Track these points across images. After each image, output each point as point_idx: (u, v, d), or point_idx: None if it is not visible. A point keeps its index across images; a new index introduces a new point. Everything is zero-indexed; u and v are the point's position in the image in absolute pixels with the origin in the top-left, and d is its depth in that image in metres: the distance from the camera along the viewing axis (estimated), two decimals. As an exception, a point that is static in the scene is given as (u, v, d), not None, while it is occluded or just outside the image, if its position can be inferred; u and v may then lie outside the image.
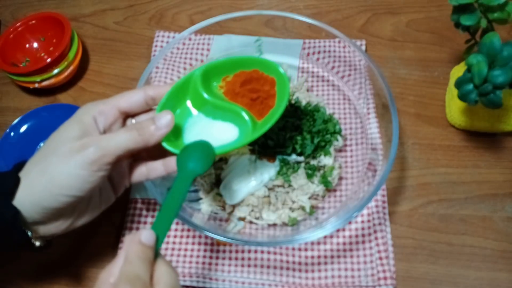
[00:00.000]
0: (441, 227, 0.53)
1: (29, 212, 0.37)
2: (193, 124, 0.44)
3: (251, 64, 0.46)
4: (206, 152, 0.39)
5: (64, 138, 0.38)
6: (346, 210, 0.47)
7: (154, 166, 0.42)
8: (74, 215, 0.40)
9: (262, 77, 0.46)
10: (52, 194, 0.36)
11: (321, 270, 0.50)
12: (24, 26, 0.65)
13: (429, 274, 0.51)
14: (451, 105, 0.59)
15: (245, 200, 0.52)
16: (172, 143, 0.41)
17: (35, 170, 0.37)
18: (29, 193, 0.37)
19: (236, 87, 0.46)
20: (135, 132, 0.38)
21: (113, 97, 0.40)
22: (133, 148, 0.37)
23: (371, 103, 0.56)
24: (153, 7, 0.73)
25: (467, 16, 0.50)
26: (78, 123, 0.38)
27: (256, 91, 0.45)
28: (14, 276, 0.52)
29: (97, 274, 0.52)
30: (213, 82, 0.47)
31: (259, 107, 0.45)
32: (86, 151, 0.36)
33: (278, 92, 0.45)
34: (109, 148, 0.36)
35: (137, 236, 0.32)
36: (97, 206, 0.42)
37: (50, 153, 0.37)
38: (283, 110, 0.42)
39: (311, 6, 0.72)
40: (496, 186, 0.55)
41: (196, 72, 0.45)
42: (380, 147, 0.52)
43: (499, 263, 0.51)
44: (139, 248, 0.31)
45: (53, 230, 0.40)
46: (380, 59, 0.65)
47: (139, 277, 0.29)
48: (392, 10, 0.70)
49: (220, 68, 0.46)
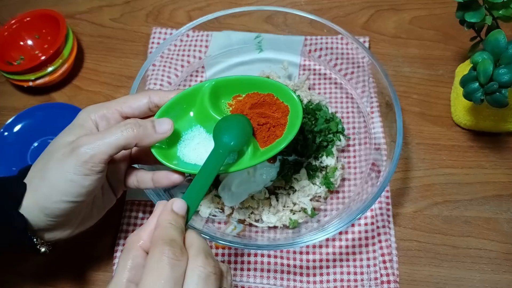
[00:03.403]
0: (445, 229, 0.52)
1: (35, 220, 0.37)
2: (191, 138, 0.42)
3: (267, 87, 0.43)
4: (244, 128, 0.39)
5: (61, 143, 0.37)
6: (349, 212, 0.46)
7: (143, 178, 0.41)
8: (78, 220, 0.40)
9: (276, 103, 0.43)
10: (52, 201, 0.36)
11: (323, 274, 0.49)
12: (19, 23, 0.64)
13: (433, 277, 0.50)
14: (456, 104, 0.58)
15: (244, 202, 0.51)
16: (164, 152, 0.40)
17: (38, 177, 0.37)
18: (33, 201, 0.37)
19: (245, 108, 0.43)
20: (129, 129, 0.36)
21: (115, 100, 0.40)
22: (124, 145, 0.36)
23: (374, 101, 0.55)
24: (150, 4, 0.72)
25: (472, 13, 0.49)
26: (79, 128, 0.38)
27: (265, 117, 0.42)
28: (12, 276, 0.51)
29: (93, 275, 0.51)
30: (222, 99, 0.44)
31: (265, 134, 0.42)
32: (77, 152, 0.35)
33: (289, 122, 0.42)
34: (99, 147, 0.35)
35: (169, 205, 0.32)
36: (101, 208, 0.42)
37: (49, 158, 0.37)
38: (288, 143, 0.40)
39: (312, 2, 0.71)
40: (501, 187, 0.55)
41: (206, 85, 0.42)
42: (384, 147, 0.51)
43: (504, 265, 0.50)
44: (172, 216, 0.32)
45: (58, 236, 0.40)
46: (383, 57, 0.64)
47: (174, 240, 0.30)
48: (396, 7, 0.69)
49: (233, 85, 0.44)
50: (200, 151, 0.41)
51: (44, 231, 0.38)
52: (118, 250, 0.50)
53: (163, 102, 0.40)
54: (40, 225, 0.37)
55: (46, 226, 0.38)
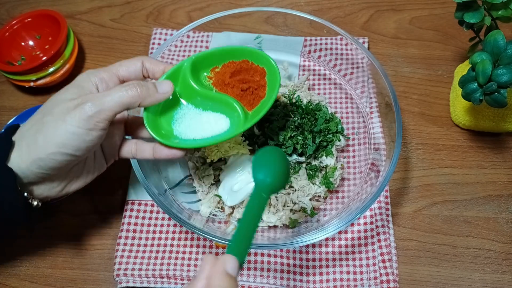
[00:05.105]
0: (445, 229, 0.52)
1: (25, 172, 0.37)
2: (182, 116, 0.44)
3: (241, 55, 0.46)
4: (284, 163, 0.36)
5: (61, 99, 0.38)
6: (349, 212, 0.46)
7: (143, 147, 0.43)
8: (68, 178, 0.41)
9: (252, 68, 0.46)
10: (49, 153, 0.36)
11: (322, 274, 0.49)
12: (20, 24, 0.64)
13: (432, 277, 0.50)
14: (455, 104, 0.58)
15: (244, 202, 0.51)
16: (163, 134, 0.42)
17: (31, 131, 0.38)
18: (25, 153, 0.37)
19: (225, 77, 0.45)
20: (134, 88, 0.38)
21: (112, 65, 0.41)
22: (129, 104, 0.38)
23: (374, 102, 0.56)
24: (150, 4, 0.72)
25: (471, 14, 0.49)
26: (77, 88, 0.39)
27: (246, 82, 0.45)
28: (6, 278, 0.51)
29: (94, 275, 0.51)
30: (202, 73, 0.46)
31: (250, 97, 0.45)
32: (83, 107, 0.36)
33: (268, 82, 0.45)
34: (106, 104, 0.37)
35: (221, 265, 0.29)
36: (91, 172, 0.43)
37: (46, 114, 0.38)
38: (274, 100, 0.43)
39: (312, 2, 0.71)
40: (501, 187, 0.55)
41: (185, 63, 0.44)
42: (383, 147, 0.51)
43: (504, 265, 0.50)
44: (226, 279, 0.29)
45: (47, 193, 0.40)
46: (383, 57, 0.65)
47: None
48: (395, 7, 0.69)
49: (209, 58, 0.46)
50: (195, 126, 0.43)
51: (33, 184, 0.39)
52: (119, 250, 0.50)
53: (155, 69, 0.42)
54: (30, 178, 0.38)
55: (36, 179, 0.38)
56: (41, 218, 0.54)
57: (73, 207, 0.55)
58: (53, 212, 0.55)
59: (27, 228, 0.52)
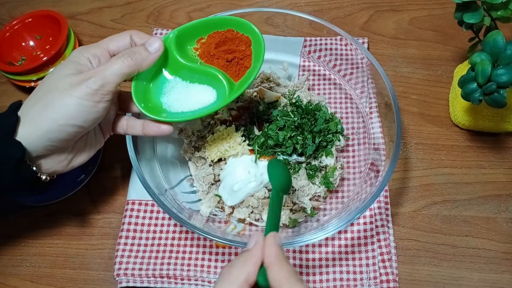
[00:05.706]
0: (444, 229, 0.53)
1: (34, 146, 0.39)
2: (170, 89, 0.45)
3: (225, 24, 0.46)
4: (288, 172, 0.45)
5: (63, 75, 0.40)
6: (348, 212, 0.46)
7: (134, 123, 0.45)
8: (74, 152, 0.43)
9: (237, 37, 0.46)
10: (59, 125, 0.39)
11: (322, 273, 0.49)
12: (21, 24, 0.65)
13: (432, 276, 0.50)
14: (454, 104, 0.58)
15: (244, 201, 0.51)
16: (152, 108, 0.43)
17: (37, 106, 0.39)
18: (33, 127, 0.39)
19: (211, 48, 0.45)
20: (128, 57, 0.40)
21: (102, 41, 0.43)
22: (128, 73, 0.40)
23: (373, 102, 0.56)
24: (151, 4, 0.72)
25: (470, 14, 0.49)
26: (74, 63, 0.41)
27: (232, 52, 0.45)
28: (9, 278, 0.51)
29: (94, 274, 0.51)
30: (188, 46, 0.46)
31: (235, 68, 0.45)
32: (88, 82, 0.39)
33: (254, 52, 0.45)
34: (108, 77, 0.39)
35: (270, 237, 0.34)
36: (93, 145, 0.45)
37: (50, 90, 0.39)
38: (259, 70, 0.43)
39: (312, 3, 0.71)
40: (500, 186, 0.55)
41: (170, 36, 0.45)
42: (383, 147, 0.51)
43: (503, 265, 0.50)
44: (277, 247, 0.33)
45: (54, 167, 0.42)
46: (382, 57, 0.65)
47: (297, 273, 0.33)
48: (395, 8, 0.70)
49: (194, 30, 0.46)
50: (183, 99, 0.44)
51: (41, 158, 0.40)
52: (119, 249, 0.51)
53: (143, 42, 0.43)
54: (38, 151, 0.39)
55: (45, 152, 0.40)
56: (41, 218, 0.55)
57: (73, 207, 0.55)
58: (53, 212, 0.55)
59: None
